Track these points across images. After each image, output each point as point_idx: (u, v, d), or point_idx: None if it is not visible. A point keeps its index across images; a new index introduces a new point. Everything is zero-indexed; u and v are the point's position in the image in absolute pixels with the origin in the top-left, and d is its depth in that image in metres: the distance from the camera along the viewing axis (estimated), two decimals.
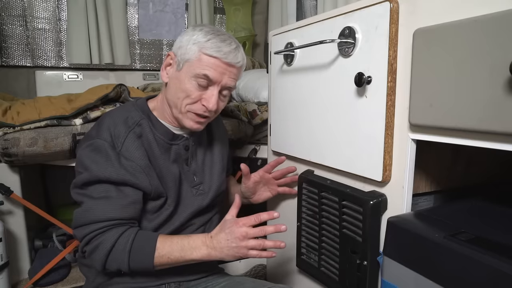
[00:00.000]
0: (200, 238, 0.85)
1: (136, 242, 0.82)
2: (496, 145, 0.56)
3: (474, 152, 0.85)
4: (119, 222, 0.83)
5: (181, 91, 0.87)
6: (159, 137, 0.91)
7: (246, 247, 0.81)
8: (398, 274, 0.69)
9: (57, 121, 1.30)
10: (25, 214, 1.39)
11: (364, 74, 0.76)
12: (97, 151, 0.84)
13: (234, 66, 0.88)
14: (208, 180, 1.01)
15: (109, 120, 0.89)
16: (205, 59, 0.85)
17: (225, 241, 0.81)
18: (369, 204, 0.78)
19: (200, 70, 0.85)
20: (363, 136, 0.80)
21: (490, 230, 0.66)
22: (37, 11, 2.04)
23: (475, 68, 0.55)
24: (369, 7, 0.76)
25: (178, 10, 2.41)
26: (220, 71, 0.86)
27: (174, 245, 0.83)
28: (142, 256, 0.82)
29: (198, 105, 0.88)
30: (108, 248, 0.81)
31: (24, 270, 1.42)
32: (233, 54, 0.86)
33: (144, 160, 0.86)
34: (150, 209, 0.90)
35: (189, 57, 0.86)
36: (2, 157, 1.23)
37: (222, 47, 0.85)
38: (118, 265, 0.82)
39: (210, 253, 0.83)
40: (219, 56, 0.85)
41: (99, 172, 0.82)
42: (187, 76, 0.86)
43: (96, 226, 0.82)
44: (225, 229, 0.83)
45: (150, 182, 0.87)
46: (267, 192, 1.11)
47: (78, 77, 2.14)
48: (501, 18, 0.52)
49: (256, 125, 1.57)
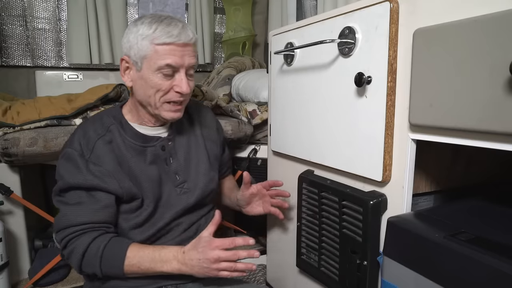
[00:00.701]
0: (172, 252, 0.85)
1: (107, 249, 0.84)
2: (496, 145, 0.56)
3: (474, 152, 0.85)
4: (92, 226, 0.85)
5: (150, 88, 0.87)
6: (130, 141, 0.92)
7: (217, 269, 0.82)
8: (398, 274, 0.69)
9: (57, 121, 1.30)
10: (25, 214, 1.39)
11: (364, 74, 0.76)
12: (68, 160, 0.88)
13: (189, 44, 0.87)
14: (194, 178, 1.00)
15: (80, 131, 0.93)
16: (160, 50, 0.84)
17: (197, 260, 0.82)
18: (369, 204, 0.78)
19: (161, 62, 0.84)
20: (363, 136, 0.80)
21: (490, 230, 0.66)
22: (37, 11, 2.03)
23: (475, 68, 0.55)
24: (369, 7, 0.76)
25: (178, 10, 2.41)
26: (180, 55, 0.85)
27: (145, 256, 0.84)
28: (112, 263, 0.84)
29: (171, 93, 0.89)
30: (81, 252, 0.83)
31: (24, 270, 1.42)
32: (184, 33, 0.86)
33: (112, 165, 0.88)
34: (126, 210, 0.91)
35: (144, 53, 0.85)
36: (2, 157, 1.23)
37: (171, 31, 0.84)
38: (92, 269, 0.85)
39: (181, 268, 0.84)
40: (172, 40, 0.84)
41: (70, 179, 0.86)
42: (149, 72, 0.86)
43: (71, 230, 0.85)
44: (198, 248, 0.83)
45: (120, 185, 0.88)
46: (260, 208, 1.10)
47: (78, 77, 2.13)
48: (501, 18, 0.52)
49: (256, 125, 1.57)
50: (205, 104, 1.50)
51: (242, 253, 0.83)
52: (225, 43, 2.53)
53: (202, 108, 1.13)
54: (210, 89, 1.73)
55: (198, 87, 1.56)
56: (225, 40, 2.52)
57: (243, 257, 0.83)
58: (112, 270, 0.84)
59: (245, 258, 0.83)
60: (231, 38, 2.50)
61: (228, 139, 1.47)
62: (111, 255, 0.84)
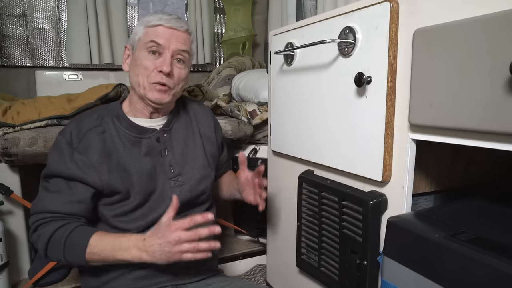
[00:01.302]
0: (132, 239, 0.84)
1: (71, 237, 0.84)
2: (496, 145, 0.56)
3: (474, 152, 0.85)
4: (60, 216, 0.87)
5: (137, 67, 0.92)
6: (124, 132, 0.93)
7: (179, 251, 0.79)
8: (398, 274, 0.69)
9: (57, 121, 1.30)
10: (25, 214, 1.39)
11: (364, 74, 0.76)
12: (55, 147, 0.91)
13: (179, 30, 0.92)
14: (189, 172, 0.99)
15: (74, 120, 0.95)
16: (150, 31, 0.91)
17: (158, 245, 0.80)
18: (369, 204, 0.78)
19: (148, 39, 0.90)
20: (363, 136, 0.80)
21: (490, 230, 0.66)
22: (37, 11, 2.03)
23: (475, 68, 0.55)
24: (369, 7, 0.76)
25: (178, 10, 2.41)
26: (166, 37, 0.90)
27: (106, 243, 0.84)
28: (74, 251, 0.84)
29: (155, 73, 0.91)
30: (46, 238, 0.84)
31: (24, 270, 1.42)
32: (175, 19, 0.92)
33: (97, 156, 0.89)
34: (109, 202, 0.92)
35: (138, 36, 0.93)
36: (2, 157, 1.23)
37: (162, 17, 0.91)
38: (56, 256, 0.85)
39: (141, 255, 0.82)
40: (161, 23, 0.90)
41: (54, 167, 0.89)
42: (140, 52, 0.92)
43: (42, 216, 0.87)
44: (158, 233, 0.81)
45: (100, 178, 0.88)
46: (251, 197, 1.05)
47: (78, 77, 2.13)
48: (501, 18, 0.52)
49: (256, 125, 1.57)
50: (205, 104, 1.50)
51: (203, 231, 0.80)
52: (225, 43, 2.53)
53: (201, 107, 1.13)
54: (210, 89, 1.73)
55: (198, 87, 1.56)
56: (225, 40, 2.52)
57: (204, 235, 0.80)
58: (74, 258, 0.84)
59: (206, 235, 0.80)
60: (231, 38, 2.50)
61: (228, 139, 1.47)
62: (73, 243, 0.84)
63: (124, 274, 0.91)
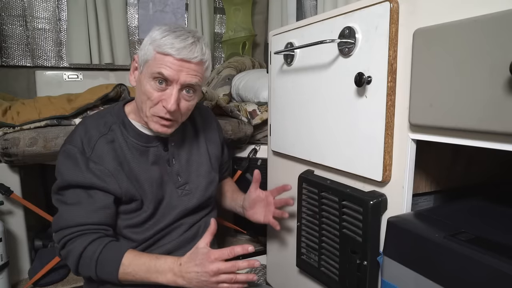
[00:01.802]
0: (168, 263, 0.82)
1: (103, 254, 0.82)
2: (496, 145, 0.56)
3: (474, 152, 0.85)
4: (89, 228, 0.84)
5: (143, 94, 0.85)
6: (132, 141, 0.91)
7: (216, 282, 0.79)
8: (398, 274, 0.69)
9: (57, 121, 1.30)
10: (25, 214, 1.39)
11: (364, 74, 0.76)
12: (68, 157, 0.86)
13: (191, 62, 0.83)
14: (195, 180, 0.99)
15: (81, 127, 0.90)
16: (159, 58, 0.82)
17: (195, 273, 0.79)
18: (369, 204, 0.78)
19: (155, 69, 0.82)
20: (363, 136, 0.80)
21: (490, 230, 0.66)
22: (37, 11, 2.03)
23: (475, 68, 0.55)
24: (369, 7, 0.76)
25: (178, 10, 2.41)
26: (176, 69, 0.82)
27: (141, 265, 0.82)
28: (107, 269, 0.82)
29: (159, 107, 0.85)
30: (77, 255, 0.82)
31: (24, 270, 1.42)
32: (188, 49, 0.82)
33: (113, 164, 0.86)
34: (125, 211, 0.90)
35: (147, 57, 0.84)
36: (2, 157, 1.23)
37: (175, 43, 0.81)
38: (87, 272, 0.83)
39: (177, 280, 0.81)
40: (171, 52, 0.81)
41: (69, 177, 0.84)
42: (146, 77, 0.85)
43: (68, 232, 0.83)
44: (195, 260, 0.80)
45: (120, 185, 0.86)
46: (261, 216, 1.07)
47: (78, 77, 2.14)
48: (501, 18, 0.52)
49: (256, 125, 1.57)
50: (205, 104, 1.50)
51: (242, 264, 0.79)
52: (225, 43, 2.53)
53: (202, 108, 1.13)
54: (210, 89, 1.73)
55: None
56: (225, 40, 2.52)
57: (242, 267, 0.80)
58: (107, 276, 0.83)
59: (244, 268, 0.80)
60: (231, 38, 2.50)
61: (228, 139, 1.47)
62: (106, 261, 0.82)
63: None
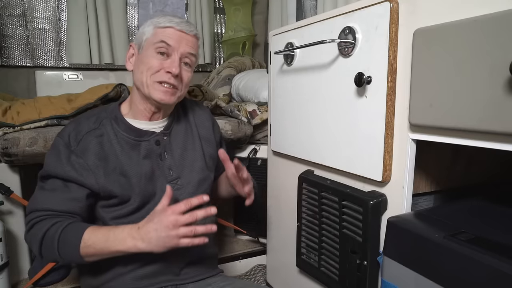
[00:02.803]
0: (126, 229, 0.82)
1: (64, 233, 0.83)
2: (496, 145, 0.56)
3: (474, 152, 0.85)
4: (55, 214, 0.86)
5: (143, 65, 0.92)
6: (123, 135, 0.93)
7: (176, 235, 0.77)
8: (398, 274, 0.69)
9: (57, 121, 1.30)
10: (25, 214, 1.39)
11: (364, 74, 0.76)
12: (53, 148, 0.91)
13: (189, 34, 0.94)
14: (188, 175, 0.99)
15: (73, 122, 0.95)
16: (160, 31, 0.92)
17: (154, 231, 0.78)
18: (369, 204, 0.78)
19: (157, 38, 0.91)
20: (363, 136, 0.80)
21: (490, 230, 0.66)
22: (37, 11, 2.03)
23: (475, 68, 0.55)
24: (369, 7, 0.76)
25: (178, 10, 2.41)
26: (176, 39, 0.92)
27: (100, 236, 0.82)
28: (68, 246, 0.83)
29: (161, 72, 0.91)
30: (40, 236, 0.84)
31: (24, 270, 1.42)
32: (185, 23, 0.94)
33: (93, 159, 0.88)
34: (106, 205, 0.91)
35: (147, 36, 0.93)
36: (2, 157, 1.23)
37: (173, 19, 0.93)
38: (51, 253, 0.84)
39: (137, 244, 0.80)
40: (172, 25, 0.92)
41: (50, 167, 0.89)
42: (147, 52, 0.92)
43: (35, 215, 0.87)
44: (153, 219, 0.80)
45: (97, 181, 0.88)
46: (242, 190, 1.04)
47: (78, 77, 2.13)
48: (501, 18, 0.52)
49: (256, 125, 1.57)
50: (205, 104, 1.50)
51: (200, 213, 0.79)
52: (225, 43, 2.53)
53: (200, 108, 1.13)
54: (210, 89, 1.73)
55: (198, 87, 1.56)
56: (225, 40, 2.52)
57: (200, 216, 0.78)
58: (69, 253, 0.83)
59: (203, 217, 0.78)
60: (231, 38, 2.50)
61: (228, 139, 1.47)
62: (67, 239, 0.82)
63: (124, 274, 0.91)
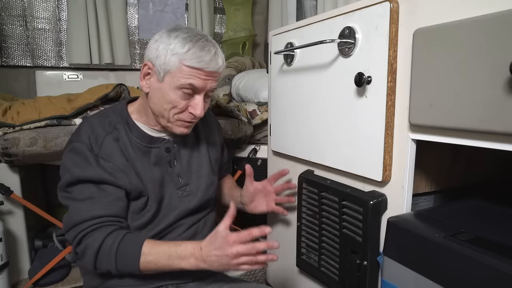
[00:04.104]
0: (189, 248, 0.83)
1: (121, 245, 0.82)
2: (496, 145, 0.56)
3: (474, 152, 0.85)
4: (105, 220, 0.84)
5: (166, 102, 0.87)
6: (136, 141, 0.92)
7: (237, 264, 0.80)
8: (398, 274, 0.69)
9: (57, 121, 1.30)
10: (25, 214, 1.39)
11: (364, 74, 0.76)
12: (77, 154, 0.87)
13: (217, 72, 0.89)
14: (195, 181, 1.00)
15: (87, 125, 0.92)
16: (187, 71, 0.85)
17: (215, 256, 0.80)
18: (369, 204, 0.78)
19: (184, 80, 0.85)
20: (363, 136, 0.80)
21: (490, 230, 0.66)
22: (37, 11, 2.03)
23: (475, 68, 0.55)
24: (369, 7, 0.76)
25: (178, 10, 2.41)
26: (204, 79, 0.86)
27: (161, 253, 0.83)
28: (128, 260, 0.82)
29: (185, 113, 0.89)
30: (95, 248, 0.81)
31: (24, 270, 1.42)
32: (214, 61, 0.86)
33: (121, 161, 0.88)
34: (132, 210, 0.91)
35: (170, 68, 0.85)
36: (2, 157, 1.23)
37: (202, 57, 0.84)
38: (107, 266, 0.83)
39: (199, 265, 0.82)
40: (201, 66, 0.84)
41: (79, 173, 0.85)
42: (171, 87, 0.86)
43: (84, 226, 0.83)
44: (215, 244, 0.81)
45: (129, 181, 0.87)
46: (263, 206, 1.09)
47: (78, 77, 2.14)
48: (501, 18, 0.52)
49: (256, 125, 1.57)
50: None
51: (261, 246, 0.80)
52: (225, 43, 2.53)
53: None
54: None
55: None
56: (225, 40, 2.52)
57: (261, 249, 0.81)
58: (128, 267, 0.83)
59: (263, 249, 0.81)
60: (231, 38, 2.50)
61: (228, 139, 1.47)
62: (126, 252, 0.82)
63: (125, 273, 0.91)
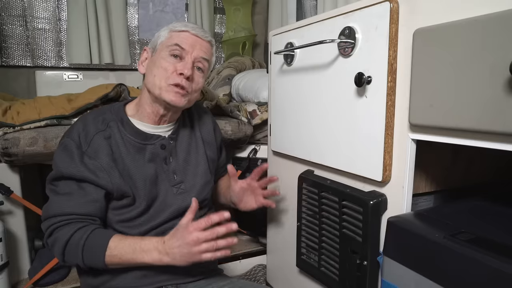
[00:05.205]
0: (153, 242, 0.84)
1: (89, 240, 0.83)
2: (496, 145, 0.56)
3: (474, 152, 0.85)
4: (76, 217, 0.86)
5: (156, 68, 0.92)
6: (129, 138, 0.93)
7: (198, 252, 0.80)
8: (398, 274, 0.69)
9: (57, 121, 1.30)
10: (25, 214, 1.39)
11: (364, 74, 0.76)
12: (64, 150, 0.89)
13: (203, 39, 0.94)
14: (191, 179, 1.00)
15: (80, 122, 0.94)
16: (175, 35, 0.93)
17: (177, 247, 0.81)
18: (369, 204, 0.78)
19: (171, 41, 0.92)
20: (363, 136, 0.80)
21: (490, 230, 0.66)
22: (37, 11, 2.03)
23: (475, 68, 0.56)
24: (369, 7, 0.76)
25: (178, 10, 2.41)
26: (190, 42, 0.92)
27: (126, 246, 0.84)
28: (93, 254, 0.84)
29: (174, 75, 0.91)
30: (64, 242, 0.84)
31: (24, 270, 1.42)
32: (200, 29, 0.95)
33: (107, 160, 0.89)
34: (116, 207, 0.92)
35: (161, 40, 0.94)
36: (2, 157, 1.23)
37: (189, 24, 0.94)
38: (75, 259, 0.85)
39: (162, 258, 0.83)
40: (187, 29, 0.93)
41: (63, 169, 0.87)
42: (160, 54, 0.92)
43: (55, 220, 0.86)
44: (176, 235, 0.82)
45: (111, 181, 0.88)
46: (253, 203, 1.09)
47: (78, 77, 2.14)
48: (501, 18, 0.52)
49: (256, 125, 1.57)
50: (205, 104, 1.50)
51: (221, 229, 0.81)
52: (225, 43, 2.53)
53: (202, 110, 1.13)
54: (210, 89, 1.73)
55: None
56: (225, 40, 2.52)
57: (221, 233, 0.81)
58: (94, 260, 0.84)
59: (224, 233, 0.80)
60: (231, 38, 2.50)
61: (228, 139, 1.47)
62: (92, 246, 0.83)
63: (124, 273, 0.91)
